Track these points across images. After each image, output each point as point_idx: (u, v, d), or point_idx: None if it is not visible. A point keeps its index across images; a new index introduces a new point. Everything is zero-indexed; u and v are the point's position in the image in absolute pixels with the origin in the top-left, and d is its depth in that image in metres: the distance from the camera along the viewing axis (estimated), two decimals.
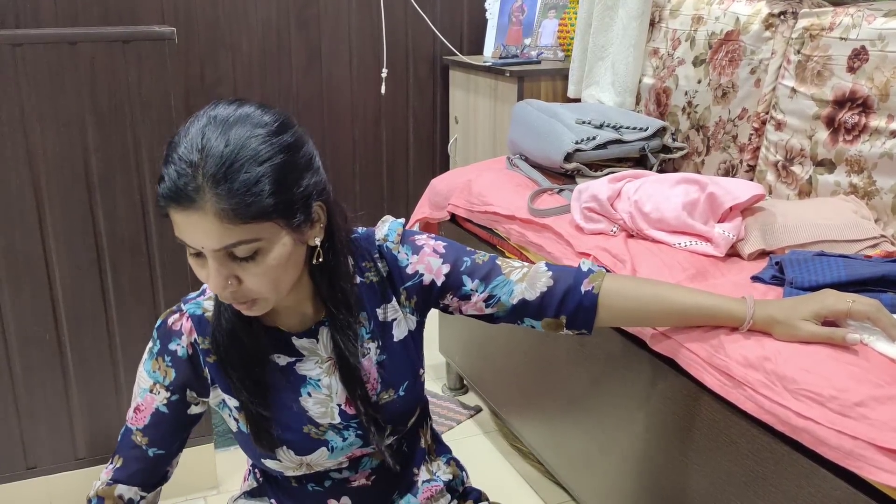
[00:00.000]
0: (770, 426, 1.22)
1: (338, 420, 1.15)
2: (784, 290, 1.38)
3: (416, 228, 2.51)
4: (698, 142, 2.19)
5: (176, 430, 1.17)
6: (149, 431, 1.15)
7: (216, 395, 1.16)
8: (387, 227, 1.20)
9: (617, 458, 1.66)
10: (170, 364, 1.13)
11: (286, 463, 1.15)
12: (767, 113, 1.96)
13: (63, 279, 1.86)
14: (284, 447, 1.14)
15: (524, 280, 1.21)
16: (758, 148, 2.00)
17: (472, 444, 2.35)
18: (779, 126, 1.90)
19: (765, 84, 1.97)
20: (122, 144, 1.84)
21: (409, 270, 1.19)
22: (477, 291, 1.20)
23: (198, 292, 1.18)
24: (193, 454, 2.01)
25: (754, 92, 2.01)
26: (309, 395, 1.14)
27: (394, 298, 1.19)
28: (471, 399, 2.62)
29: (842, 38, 1.74)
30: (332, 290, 1.11)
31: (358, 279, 1.16)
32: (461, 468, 1.38)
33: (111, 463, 1.17)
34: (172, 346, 1.13)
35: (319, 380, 1.15)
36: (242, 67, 3.09)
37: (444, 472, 1.32)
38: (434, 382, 2.73)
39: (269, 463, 1.17)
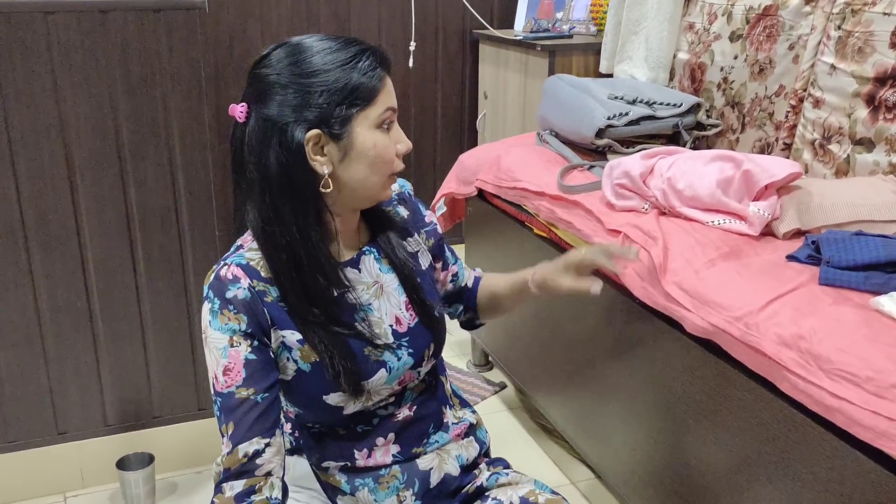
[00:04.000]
0: (802, 406, 1.20)
1: (391, 339, 1.24)
2: (821, 269, 1.35)
3: (441, 203, 2.51)
4: (733, 119, 2.15)
5: (273, 370, 1.19)
6: (250, 382, 1.15)
7: (276, 338, 1.18)
8: (398, 184, 1.35)
9: (643, 437, 1.65)
10: (236, 311, 1.15)
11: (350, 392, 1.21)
12: (805, 90, 1.91)
13: (94, 248, 1.88)
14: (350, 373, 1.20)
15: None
16: (794, 126, 1.96)
17: (497, 421, 2.35)
18: (817, 103, 1.86)
19: (803, 60, 1.92)
20: (153, 115, 1.85)
21: (427, 219, 1.36)
22: (450, 263, 1.41)
23: (230, 252, 1.21)
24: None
25: (792, 68, 1.97)
26: (363, 319, 1.23)
27: (416, 234, 1.33)
28: (495, 375, 2.62)
29: (885, 14, 1.69)
30: (379, 209, 1.27)
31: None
32: (484, 435, 1.42)
33: (223, 436, 1.16)
34: (231, 293, 1.15)
35: (370, 304, 1.24)
36: (271, 39, 3.07)
37: (469, 416, 1.40)
38: (459, 358, 2.73)
39: (331, 398, 1.20)
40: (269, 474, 1.15)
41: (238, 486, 1.13)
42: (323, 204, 1.17)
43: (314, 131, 1.12)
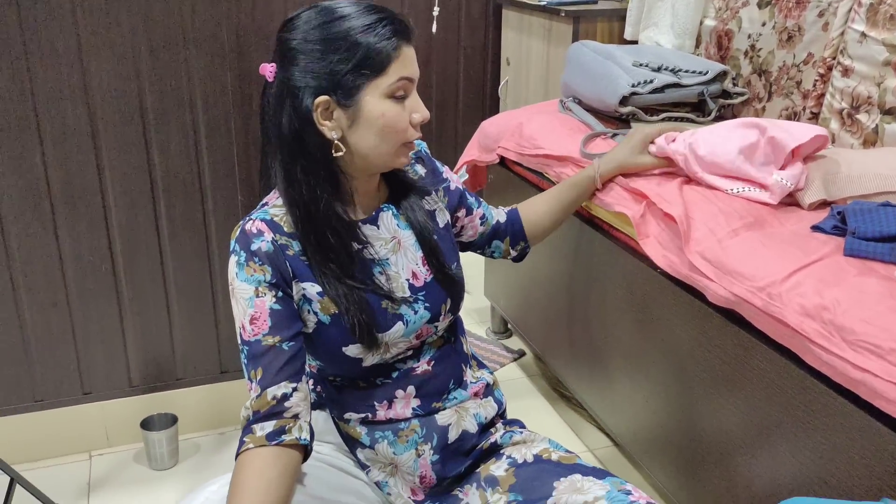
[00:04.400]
0: (824, 377, 1.20)
1: (408, 293, 1.27)
2: (846, 240, 1.34)
3: (463, 170, 2.50)
4: (760, 87, 2.12)
5: (297, 320, 1.23)
6: (275, 330, 1.19)
7: (298, 290, 1.22)
8: (415, 144, 1.37)
9: (661, 405, 1.65)
10: (261, 262, 1.19)
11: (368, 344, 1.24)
12: (834, 58, 1.88)
13: (118, 211, 1.89)
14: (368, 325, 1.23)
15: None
16: (822, 95, 1.93)
17: (516, 388, 2.36)
18: (846, 72, 1.83)
19: (833, 28, 1.89)
20: (175, 78, 1.85)
21: (444, 176, 1.40)
22: (475, 207, 1.47)
23: (256, 208, 1.25)
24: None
25: (821, 36, 1.93)
26: (381, 273, 1.26)
27: (433, 192, 1.37)
28: (514, 343, 2.63)
29: None
30: (398, 169, 1.30)
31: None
32: (501, 396, 1.45)
33: (251, 382, 1.19)
34: (255, 246, 1.19)
35: (387, 258, 1.27)
36: (294, 5, 3.06)
37: (486, 376, 1.43)
38: (478, 326, 2.74)
39: (350, 350, 1.24)
40: (297, 417, 1.18)
41: (268, 426, 1.16)
42: (336, 166, 1.21)
43: (323, 97, 1.15)
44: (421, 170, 1.37)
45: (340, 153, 1.18)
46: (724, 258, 1.41)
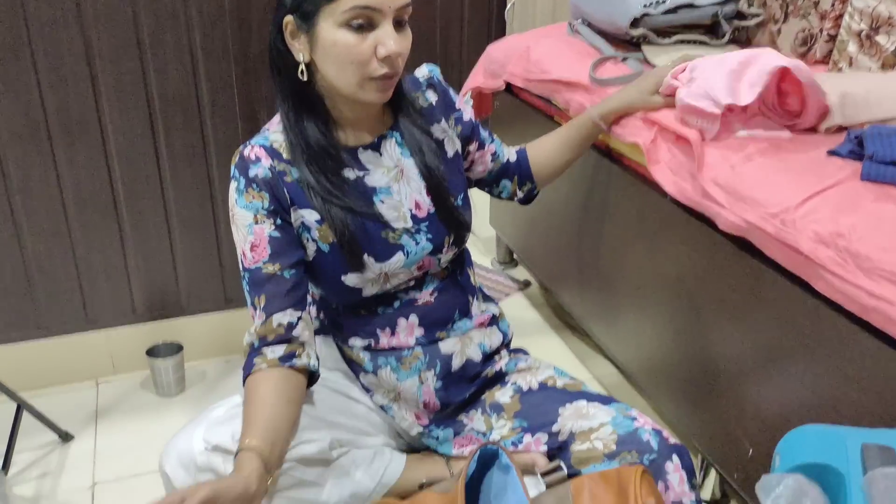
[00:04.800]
0: (837, 305, 1.18)
1: (410, 224, 1.26)
2: (863, 164, 1.30)
3: (468, 97, 2.45)
4: (776, 8, 2.05)
5: (298, 248, 1.22)
6: (275, 258, 1.19)
7: (296, 217, 1.21)
8: (427, 69, 1.35)
9: (669, 333, 1.64)
10: (259, 189, 1.18)
11: (367, 274, 1.23)
12: None
13: (116, 138, 1.86)
14: (366, 255, 1.22)
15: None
16: (840, 15, 1.86)
17: (521, 318, 2.36)
18: None
19: None
20: (171, 0, 1.78)
21: (457, 105, 1.36)
22: (487, 142, 1.44)
23: (257, 134, 1.24)
24: None
25: None
26: (381, 202, 1.24)
27: (444, 120, 1.33)
28: (520, 273, 2.61)
29: None
30: (403, 95, 1.26)
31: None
32: (507, 328, 1.45)
33: (255, 308, 1.20)
34: (253, 172, 1.18)
35: (389, 187, 1.25)
36: None
37: (492, 308, 1.42)
38: (483, 256, 2.72)
39: (349, 279, 1.23)
40: (304, 344, 1.20)
41: (279, 350, 1.17)
42: (313, 91, 1.19)
43: (288, 17, 1.14)
44: (432, 96, 1.34)
45: (303, 78, 1.17)
46: (737, 184, 1.38)
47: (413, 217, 1.26)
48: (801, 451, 0.80)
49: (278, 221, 1.19)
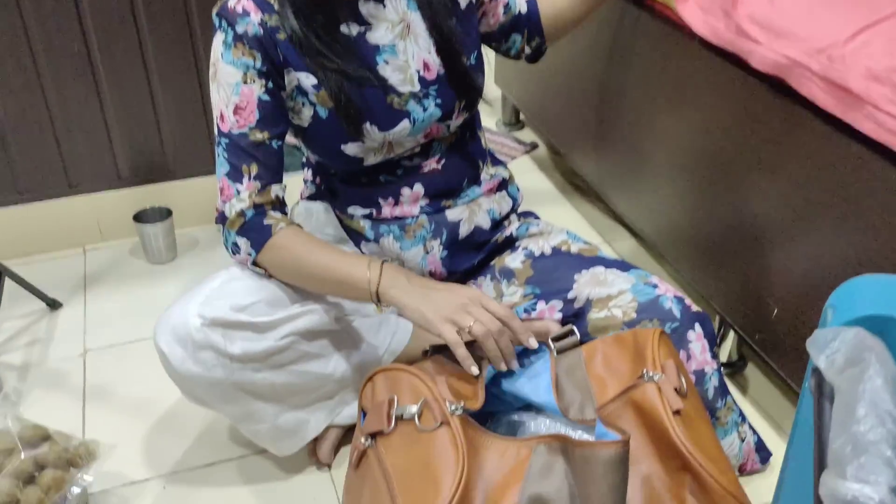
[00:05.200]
0: (884, 148, 1.06)
1: (417, 87, 1.14)
2: None
3: None
4: None
5: (285, 117, 1.13)
6: (263, 125, 1.09)
7: (290, 81, 1.11)
8: None
9: (692, 193, 1.52)
10: (249, 46, 1.06)
11: (369, 143, 1.13)
12: None
13: None
14: (368, 123, 1.11)
15: None
16: None
17: (528, 181, 2.24)
18: None
19: None
20: None
21: None
22: None
23: None
24: None
25: None
26: (386, 62, 1.13)
27: None
28: (527, 135, 2.48)
29: None
30: None
31: None
32: (516, 192, 1.38)
33: (243, 175, 1.10)
34: (242, 28, 1.06)
35: (394, 45, 1.13)
36: None
37: (502, 171, 1.34)
38: (488, 117, 2.58)
39: (349, 148, 1.14)
40: (291, 221, 1.14)
41: (283, 219, 1.12)
42: None
43: None
44: None
45: None
46: (776, 18, 1.23)
47: (421, 80, 1.15)
48: (860, 302, 0.71)
49: (269, 85, 1.08)
